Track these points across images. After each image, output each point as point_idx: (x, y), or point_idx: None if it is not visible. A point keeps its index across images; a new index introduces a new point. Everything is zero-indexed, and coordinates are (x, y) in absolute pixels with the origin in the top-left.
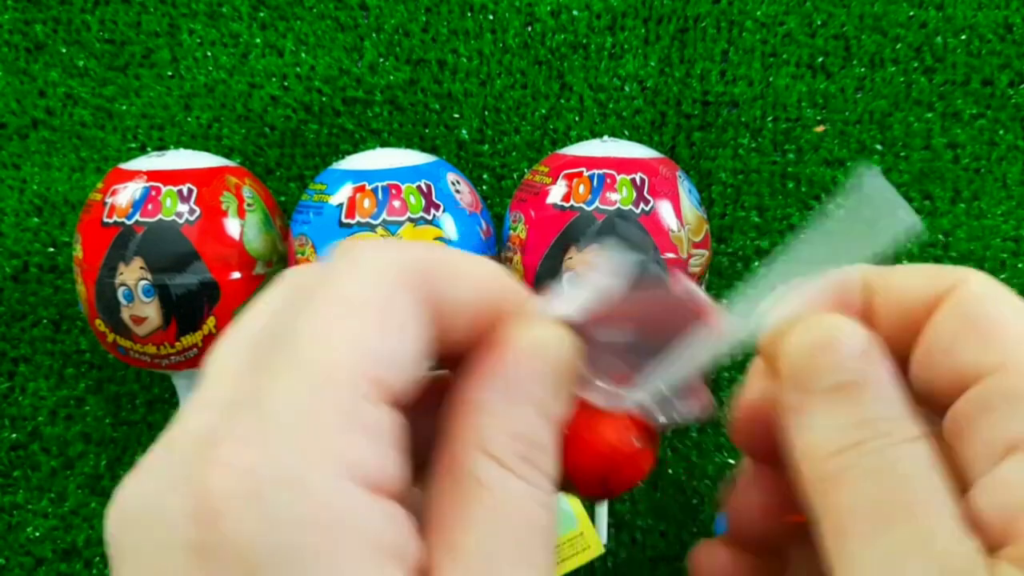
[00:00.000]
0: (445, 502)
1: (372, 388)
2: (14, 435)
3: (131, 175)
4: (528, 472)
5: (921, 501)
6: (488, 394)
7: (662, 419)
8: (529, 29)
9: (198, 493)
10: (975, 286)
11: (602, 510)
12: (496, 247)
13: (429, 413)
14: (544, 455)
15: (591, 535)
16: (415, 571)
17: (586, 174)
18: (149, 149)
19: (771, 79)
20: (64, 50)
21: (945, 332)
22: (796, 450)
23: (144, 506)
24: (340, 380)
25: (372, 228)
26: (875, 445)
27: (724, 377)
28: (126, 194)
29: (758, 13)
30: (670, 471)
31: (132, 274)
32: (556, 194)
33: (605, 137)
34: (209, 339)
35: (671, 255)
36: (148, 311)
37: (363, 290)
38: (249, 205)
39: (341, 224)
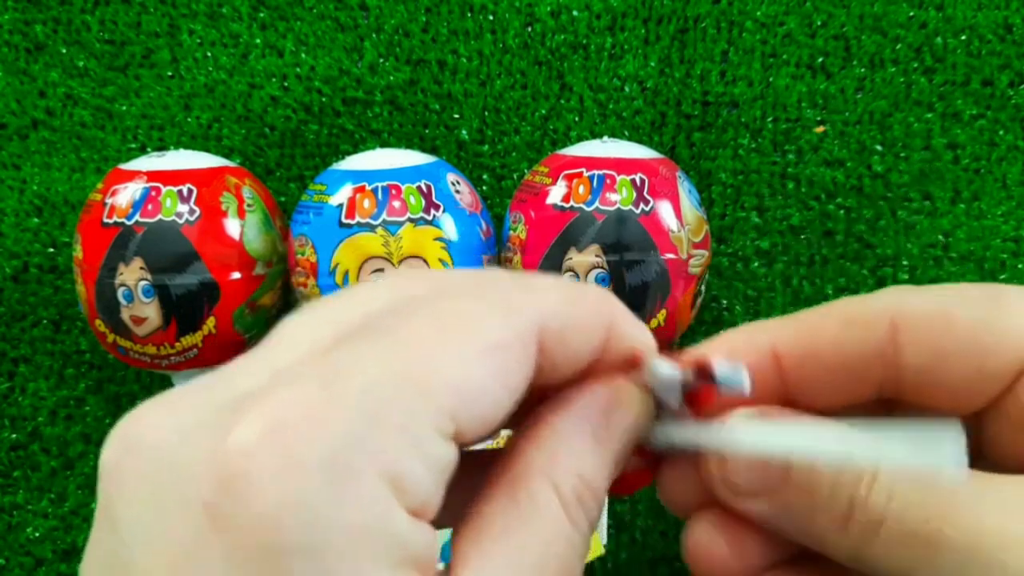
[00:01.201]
0: (494, 511)
1: (451, 426)
2: (14, 435)
3: (131, 175)
4: (577, 515)
5: None
6: (574, 427)
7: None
8: (529, 29)
9: (227, 451)
10: (917, 303)
11: (602, 511)
12: (496, 247)
13: None
14: (595, 505)
15: (591, 536)
16: None
17: (586, 174)
18: (149, 149)
19: (771, 79)
20: (64, 50)
21: (949, 350)
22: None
23: (161, 446)
24: (426, 405)
25: (372, 228)
26: None
27: None
28: (126, 194)
29: (758, 13)
30: None
31: (132, 274)
32: (556, 194)
33: (605, 137)
34: (209, 339)
35: (671, 255)
36: (148, 311)
37: (499, 333)
38: (249, 205)
39: (341, 224)
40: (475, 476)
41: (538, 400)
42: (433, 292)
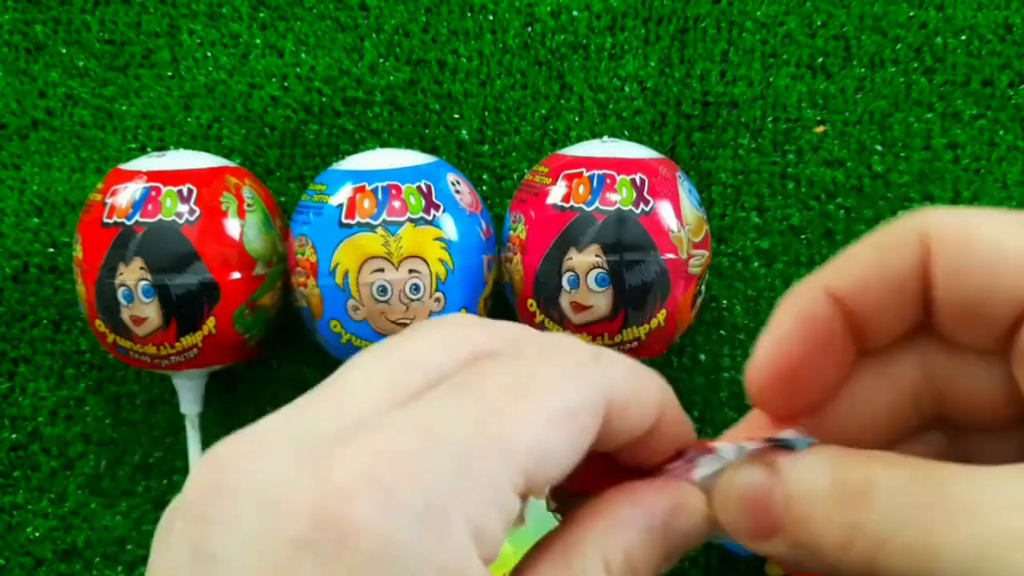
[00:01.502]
0: (547, 569)
1: (525, 485)
2: (14, 435)
3: (131, 175)
4: None
5: None
6: (637, 514)
7: None
8: (529, 29)
9: (328, 491)
10: (951, 225)
11: None
12: (496, 247)
13: None
14: None
15: None
16: None
17: (586, 174)
18: (149, 149)
19: (771, 79)
20: (64, 50)
21: (973, 278)
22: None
23: (256, 487)
24: (507, 465)
25: (372, 228)
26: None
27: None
28: (126, 194)
29: (758, 13)
30: None
31: (132, 274)
32: (556, 194)
33: (605, 137)
34: (209, 339)
35: (671, 255)
36: (148, 311)
37: (574, 400)
38: (249, 205)
39: (341, 224)
40: None
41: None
42: (508, 350)
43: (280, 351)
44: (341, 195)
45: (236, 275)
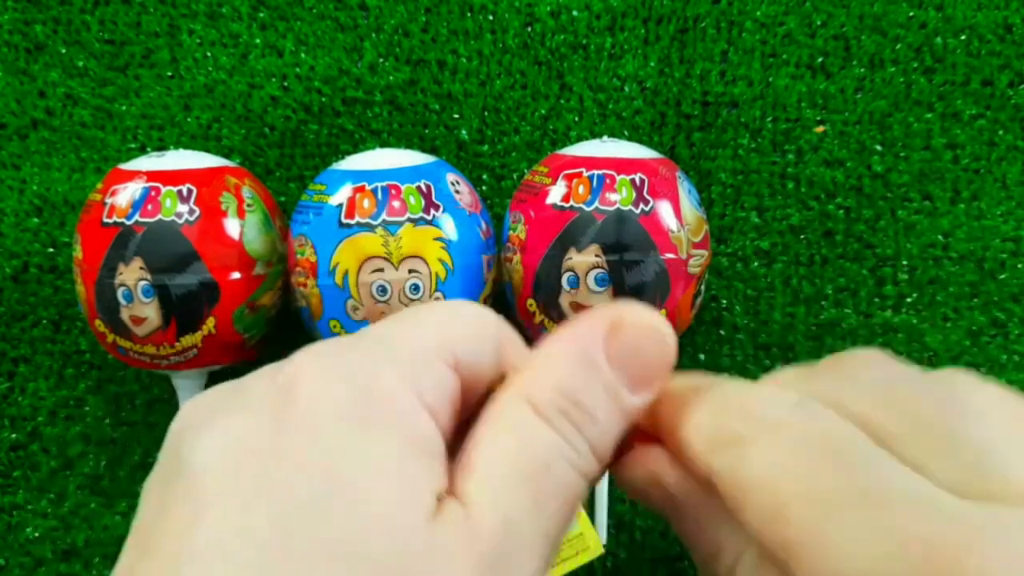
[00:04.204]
0: (475, 435)
1: (452, 357)
2: (14, 435)
3: (131, 175)
4: (565, 428)
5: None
6: (559, 349)
7: None
8: (529, 29)
9: (285, 366)
10: None
11: (602, 510)
12: (496, 247)
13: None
14: (591, 424)
15: (591, 535)
16: (442, 478)
17: (586, 174)
18: (149, 149)
19: (771, 79)
20: (64, 50)
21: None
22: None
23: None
24: (434, 343)
25: (372, 228)
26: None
27: None
28: (126, 194)
29: (758, 13)
30: None
31: (132, 274)
32: (556, 194)
33: (605, 137)
34: (209, 339)
35: (671, 255)
36: (148, 311)
37: (476, 315)
38: (249, 205)
39: (341, 224)
40: None
41: None
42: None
43: (280, 351)
44: (341, 195)
45: (236, 275)
